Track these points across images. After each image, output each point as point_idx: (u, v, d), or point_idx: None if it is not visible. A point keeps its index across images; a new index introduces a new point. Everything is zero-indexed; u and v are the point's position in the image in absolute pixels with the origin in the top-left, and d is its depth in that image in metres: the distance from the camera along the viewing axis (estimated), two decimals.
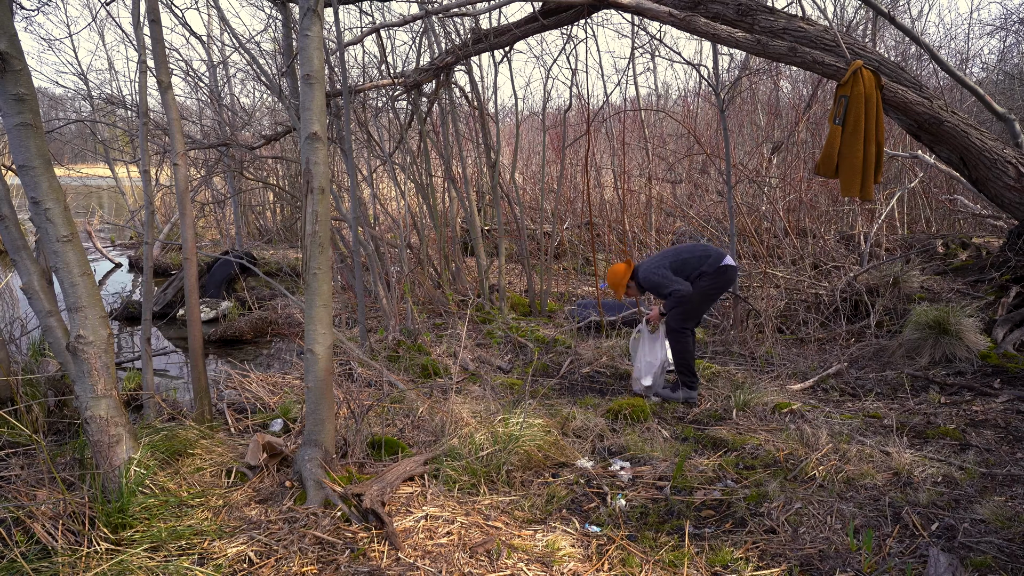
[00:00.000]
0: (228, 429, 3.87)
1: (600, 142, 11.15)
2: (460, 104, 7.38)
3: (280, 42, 6.20)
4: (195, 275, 3.86)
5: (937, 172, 8.08)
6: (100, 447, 2.71)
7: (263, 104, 11.03)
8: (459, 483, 3.13)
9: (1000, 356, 4.52)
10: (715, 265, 4.33)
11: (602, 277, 7.87)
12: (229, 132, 7.48)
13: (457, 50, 5.70)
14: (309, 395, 3.07)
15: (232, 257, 8.45)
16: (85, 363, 2.66)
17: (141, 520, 2.66)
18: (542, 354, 5.49)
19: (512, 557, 2.55)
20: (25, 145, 2.53)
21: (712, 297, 4.48)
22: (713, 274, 4.33)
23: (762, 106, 10.73)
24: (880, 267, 6.12)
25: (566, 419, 3.91)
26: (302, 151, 2.95)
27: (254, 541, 2.62)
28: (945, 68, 5.05)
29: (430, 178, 7.05)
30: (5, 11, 2.45)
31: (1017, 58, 12.18)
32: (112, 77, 20.50)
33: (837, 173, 4.38)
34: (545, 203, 8.99)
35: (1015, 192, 4.42)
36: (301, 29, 2.90)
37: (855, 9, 10.59)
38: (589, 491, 3.15)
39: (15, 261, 2.71)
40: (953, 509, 2.84)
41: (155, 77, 3.76)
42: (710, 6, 4.72)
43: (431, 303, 6.66)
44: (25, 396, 4.05)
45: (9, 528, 2.52)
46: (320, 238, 2.96)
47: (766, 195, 7.90)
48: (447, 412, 3.83)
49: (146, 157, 3.88)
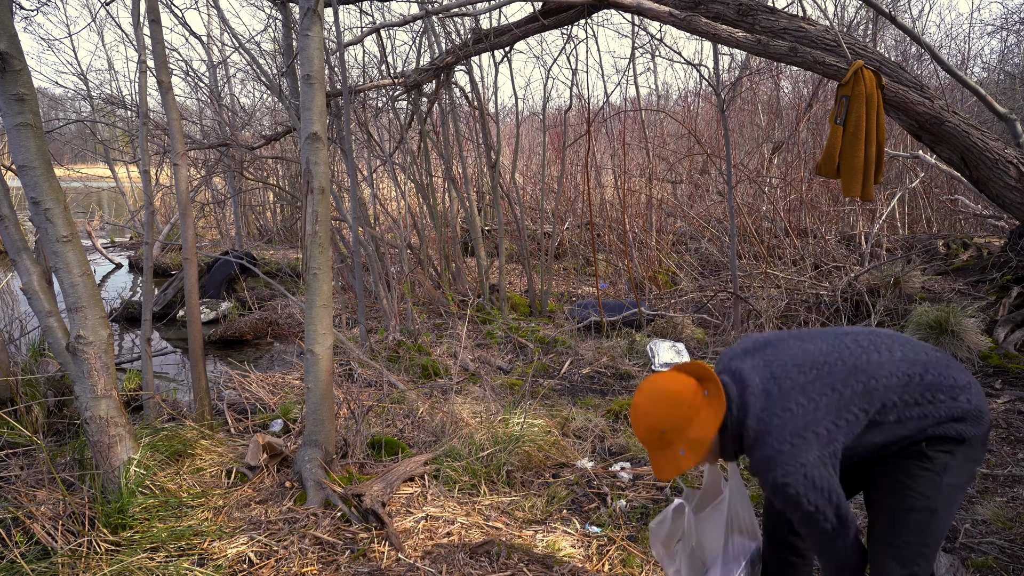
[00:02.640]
0: (228, 429, 3.86)
1: (600, 142, 11.14)
2: (460, 104, 7.37)
3: (280, 42, 6.20)
4: (195, 275, 3.86)
5: (938, 172, 8.07)
6: (100, 447, 2.71)
7: (263, 104, 11.03)
8: (459, 483, 3.12)
9: (1001, 356, 4.51)
10: (978, 411, 1.68)
11: (603, 277, 7.86)
12: (229, 132, 7.48)
13: (457, 50, 5.69)
14: (309, 395, 3.07)
15: (232, 257, 8.44)
16: (85, 363, 2.66)
17: (141, 520, 2.65)
18: (542, 354, 5.48)
19: (512, 557, 2.55)
20: (25, 145, 2.53)
21: (963, 488, 1.71)
22: (974, 439, 1.68)
23: (763, 106, 10.72)
24: (881, 267, 6.11)
25: (566, 419, 3.90)
26: (302, 151, 2.95)
27: (254, 541, 2.61)
28: (946, 68, 5.05)
29: (430, 178, 7.04)
30: (5, 11, 2.45)
31: (1018, 58, 12.17)
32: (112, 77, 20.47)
33: (838, 173, 4.37)
34: (545, 203, 8.99)
35: (1016, 192, 4.41)
36: (301, 29, 2.89)
37: (856, 9, 10.59)
38: (589, 491, 3.14)
39: (15, 261, 2.70)
40: None
41: (155, 77, 3.75)
42: (711, 6, 4.71)
43: (431, 303, 6.66)
44: (25, 396, 4.04)
45: (9, 528, 2.52)
46: (320, 238, 2.96)
47: (767, 195, 7.89)
48: (447, 412, 3.83)
49: (146, 157, 3.88)
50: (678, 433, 1.68)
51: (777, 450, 1.59)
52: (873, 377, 1.65)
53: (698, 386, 1.72)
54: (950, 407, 1.64)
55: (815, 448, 1.58)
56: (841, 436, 1.61)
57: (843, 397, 1.62)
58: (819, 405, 1.62)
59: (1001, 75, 11.96)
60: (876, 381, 1.64)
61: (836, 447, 1.61)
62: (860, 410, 1.62)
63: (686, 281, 7.25)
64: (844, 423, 1.62)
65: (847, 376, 1.65)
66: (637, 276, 7.18)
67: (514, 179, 7.66)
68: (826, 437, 1.60)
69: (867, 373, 1.65)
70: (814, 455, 1.58)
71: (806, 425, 1.60)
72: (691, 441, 1.67)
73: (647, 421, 1.71)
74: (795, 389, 1.65)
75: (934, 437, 1.65)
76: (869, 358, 1.68)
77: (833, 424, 1.61)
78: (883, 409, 1.64)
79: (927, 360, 1.69)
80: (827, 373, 1.66)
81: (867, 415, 1.63)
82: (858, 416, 1.62)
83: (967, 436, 1.64)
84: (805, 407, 1.62)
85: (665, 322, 5.92)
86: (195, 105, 12.10)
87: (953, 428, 1.64)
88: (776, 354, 1.74)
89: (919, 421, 1.65)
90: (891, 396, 1.64)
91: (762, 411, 1.65)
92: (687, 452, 1.68)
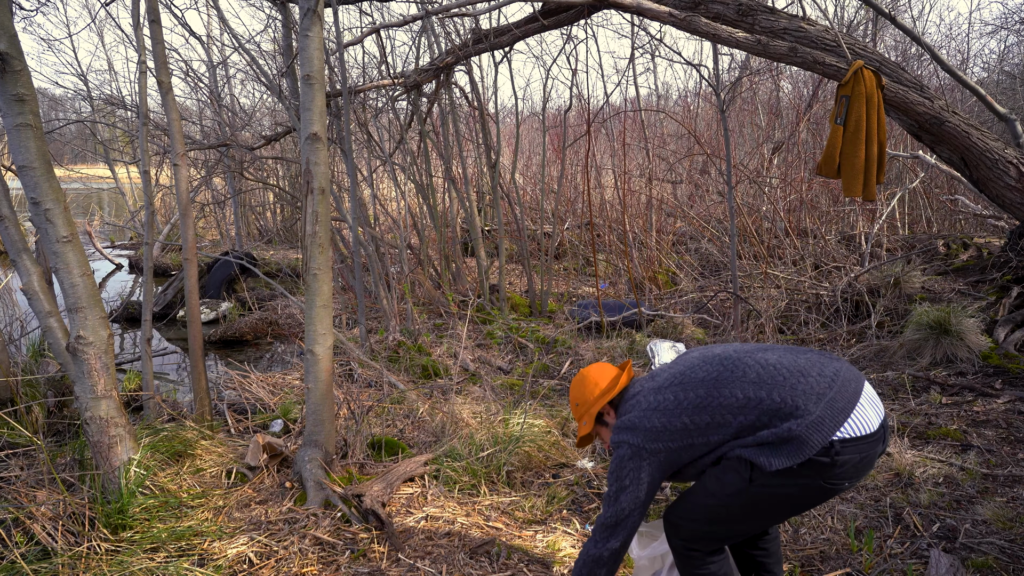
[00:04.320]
0: (228, 430, 3.86)
1: (600, 142, 11.14)
2: (460, 104, 7.37)
3: (280, 43, 6.20)
4: (195, 276, 3.86)
5: (938, 172, 8.07)
6: (100, 448, 2.71)
7: (263, 104, 11.03)
8: (459, 484, 3.12)
9: (1001, 356, 4.51)
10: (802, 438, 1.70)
11: (603, 277, 7.86)
12: (229, 133, 7.48)
13: (457, 50, 5.69)
14: (309, 396, 3.07)
15: (232, 258, 8.45)
16: (85, 364, 2.66)
17: (141, 521, 2.65)
18: (542, 354, 5.48)
19: (512, 558, 2.55)
20: (25, 146, 2.53)
21: (784, 503, 1.82)
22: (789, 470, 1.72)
23: (763, 106, 10.73)
24: (881, 267, 6.11)
25: (566, 419, 3.90)
26: (302, 152, 2.95)
27: (254, 542, 2.61)
28: (946, 68, 5.05)
29: (430, 178, 7.04)
30: (5, 11, 2.45)
31: (1018, 58, 12.18)
32: (112, 78, 20.48)
33: (839, 173, 4.36)
34: (545, 203, 8.99)
35: (1016, 192, 4.42)
36: (301, 30, 2.90)
37: (856, 9, 10.59)
38: (589, 492, 3.14)
39: (15, 262, 2.70)
40: (954, 510, 2.83)
41: (155, 78, 3.76)
42: (710, 6, 4.71)
43: (431, 303, 6.66)
44: (25, 397, 4.04)
45: (9, 529, 2.52)
46: (320, 239, 2.96)
47: (767, 195, 7.89)
48: (447, 413, 3.83)
49: (146, 158, 3.88)
50: (584, 403, 2.08)
51: (625, 425, 1.91)
52: (712, 395, 1.82)
53: (609, 379, 2.07)
54: (769, 433, 1.72)
55: (642, 438, 1.85)
56: (668, 439, 1.83)
57: (681, 405, 1.84)
58: (662, 408, 1.87)
59: (1001, 75, 11.96)
60: (713, 399, 1.81)
61: (660, 446, 1.84)
62: (690, 420, 1.82)
63: (686, 281, 7.25)
64: (675, 428, 1.83)
65: (696, 387, 1.85)
66: (637, 276, 7.18)
67: (514, 179, 7.66)
68: (654, 433, 1.84)
69: (713, 388, 1.83)
70: (639, 441, 1.85)
71: (647, 419, 1.87)
72: (588, 413, 2.06)
73: (571, 395, 2.15)
74: (662, 386, 1.92)
75: (732, 457, 1.79)
76: (721, 375, 1.84)
77: (663, 427, 1.84)
78: (708, 426, 1.80)
79: (778, 383, 1.78)
80: (682, 382, 1.89)
81: (695, 426, 1.81)
82: (687, 425, 1.81)
83: (766, 465, 1.71)
84: (655, 409, 1.88)
85: (665, 322, 5.92)
86: (195, 105, 12.11)
87: (753, 452, 1.75)
88: (681, 364, 1.98)
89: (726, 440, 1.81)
90: (724, 415, 1.78)
91: (642, 409, 1.91)
92: (586, 422, 2.07)
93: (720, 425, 1.78)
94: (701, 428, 1.80)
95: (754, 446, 1.74)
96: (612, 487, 1.87)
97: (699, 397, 1.81)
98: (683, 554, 1.93)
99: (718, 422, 1.78)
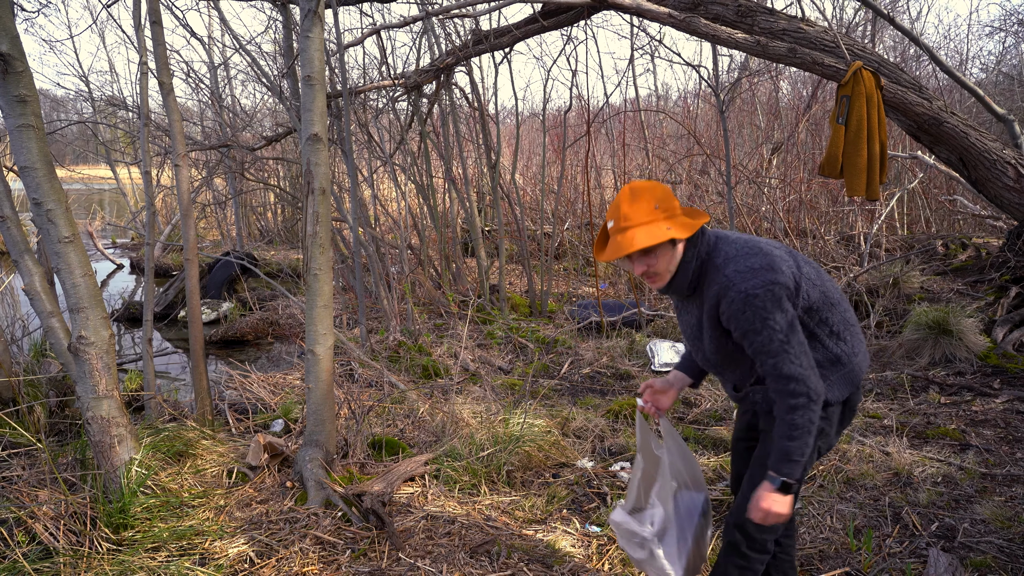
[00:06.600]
0: (229, 429, 3.87)
1: (600, 143, 11.15)
2: (460, 105, 7.38)
3: (281, 43, 6.21)
4: (196, 276, 3.87)
5: (937, 173, 8.08)
6: (101, 447, 2.72)
7: (264, 105, 11.04)
8: (460, 483, 3.13)
9: (1000, 356, 4.52)
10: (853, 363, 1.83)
11: (603, 277, 7.87)
12: (230, 133, 7.49)
13: (457, 51, 5.71)
14: (310, 396, 3.08)
15: (233, 258, 8.46)
16: (87, 364, 2.67)
17: (142, 520, 2.66)
18: (542, 354, 5.49)
19: (513, 557, 2.56)
20: (27, 147, 2.54)
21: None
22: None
23: (762, 107, 10.73)
24: (880, 267, 6.12)
25: (566, 419, 3.92)
26: (303, 152, 2.96)
27: (255, 541, 2.62)
28: (944, 69, 5.06)
29: (430, 179, 7.05)
30: (7, 12, 2.46)
31: (1016, 59, 12.19)
32: (113, 79, 20.47)
33: (842, 173, 4.37)
34: (545, 204, 9.00)
35: (1015, 193, 4.43)
36: (302, 31, 2.91)
37: (855, 10, 10.60)
38: (589, 491, 3.15)
39: (17, 262, 2.72)
40: (953, 509, 2.84)
41: (156, 79, 3.77)
42: (710, 7, 4.72)
43: (432, 304, 6.67)
44: (27, 397, 4.05)
45: (11, 528, 2.53)
46: (321, 239, 2.97)
47: (766, 196, 7.90)
48: (448, 412, 3.84)
49: (147, 158, 3.89)
50: (671, 212, 1.76)
51: (749, 267, 1.69)
52: (840, 296, 1.85)
53: (667, 205, 1.81)
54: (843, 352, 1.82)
55: (780, 275, 1.68)
56: (807, 291, 1.76)
57: (811, 281, 1.78)
58: (783, 258, 1.75)
59: (999, 76, 11.97)
60: (841, 299, 1.84)
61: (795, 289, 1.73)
62: (820, 296, 1.79)
63: None
64: (814, 295, 1.77)
65: (825, 279, 1.84)
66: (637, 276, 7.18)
67: (514, 180, 7.67)
68: (785, 274, 1.70)
69: (839, 294, 1.86)
70: (781, 278, 1.68)
71: (772, 262, 1.71)
72: (678, 221, 1.75)
73: (647, 195, 1.76)
74: (754, 245, 1.77)
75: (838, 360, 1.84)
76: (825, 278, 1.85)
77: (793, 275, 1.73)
78: (832, 309, 1.81)
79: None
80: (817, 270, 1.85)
81: (824, 302, 1.79)
82: (819, 297, 1.78)
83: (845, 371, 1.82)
84: (770, 255, 1.73)
85: (665, 322, 5.93)
86: (196, 106, 12.13)
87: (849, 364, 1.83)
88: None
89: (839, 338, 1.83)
90: (848, 314, 1.84)
91: (730, 254, 1.76)
92: (672, 227, 1.73)
93: (835, 323, 1.80)
94: (828, 305, 1.79)
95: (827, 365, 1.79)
96: (758, 337, 1.66)
97: (830, 287, 1.83)
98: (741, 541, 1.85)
99: (838, 319, 1.81)
